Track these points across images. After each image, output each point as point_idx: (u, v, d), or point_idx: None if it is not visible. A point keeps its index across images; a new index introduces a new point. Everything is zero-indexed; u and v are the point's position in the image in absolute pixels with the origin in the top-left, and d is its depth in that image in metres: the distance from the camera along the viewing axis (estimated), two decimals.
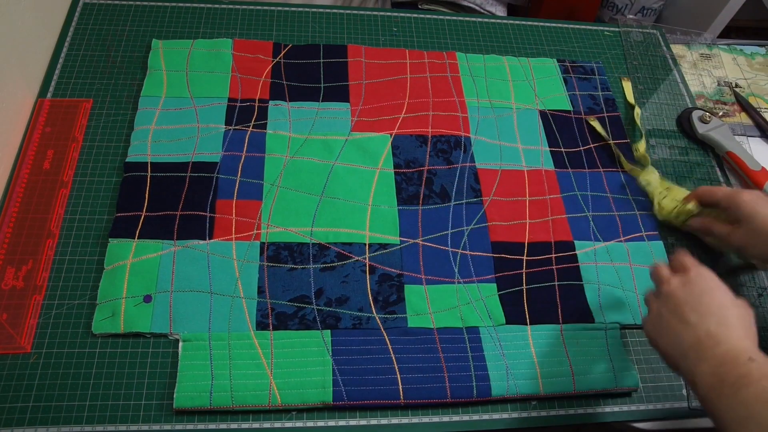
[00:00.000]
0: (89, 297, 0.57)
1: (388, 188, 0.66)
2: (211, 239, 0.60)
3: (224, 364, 0.54)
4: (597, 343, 0.60)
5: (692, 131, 0.77)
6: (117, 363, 0.54)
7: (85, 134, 0.67)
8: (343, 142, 0.69)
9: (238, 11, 0.79)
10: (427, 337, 0.58)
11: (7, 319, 0.54)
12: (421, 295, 0.60)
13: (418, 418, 0.55)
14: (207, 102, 0.69)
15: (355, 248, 0.62)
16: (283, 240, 0.61)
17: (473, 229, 0.65)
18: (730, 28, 1.65)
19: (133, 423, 0.52)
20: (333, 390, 0.54)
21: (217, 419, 0.53)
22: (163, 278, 0.58)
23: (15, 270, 0.57)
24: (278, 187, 0.65)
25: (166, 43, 0.74)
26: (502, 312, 0.60)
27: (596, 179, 0.71)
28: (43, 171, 0.63)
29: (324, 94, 0.73)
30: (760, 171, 0.72)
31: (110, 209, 0.62)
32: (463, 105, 0.74)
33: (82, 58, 0.72)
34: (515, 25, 0.85)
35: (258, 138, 0.68)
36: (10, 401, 0.51)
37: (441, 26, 0.83)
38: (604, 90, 0.79)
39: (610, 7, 1.65)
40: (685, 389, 0.59)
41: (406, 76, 0.76)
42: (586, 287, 0.63)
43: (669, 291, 0.48)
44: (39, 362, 0.53)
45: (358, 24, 0.81)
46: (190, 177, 0.64)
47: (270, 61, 0.74)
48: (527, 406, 0.56)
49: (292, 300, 0.58)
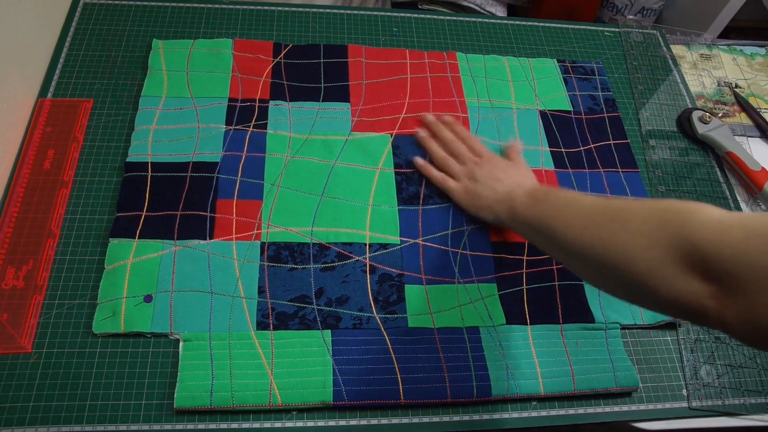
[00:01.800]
0: (89, 297, 0.57)
1: (388, 188, 0.66)
2: (212, 239, 0.60)
3: (225, 363, 0.54)
4: (597, 343, 0.60)
5: (692, 131, 0.77)
6: (117, 363, 0.54)
7: (85, 134, 0.67)
8: (344, 142, 0.69)
9: (238, 11, 0.79)
10: (427, 337, 0.58)
11: (7, 319, 0.54)
12: (421, 295, 0.60)
13: (418, 418, 0.55)
14: (207, 102, 0.70)
15: (356, 248, 0.62)
16: (284, 240, 0.62)
17: (473, 229, 0.65)
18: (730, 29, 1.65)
19: (134, 423, 0.52)
20: (333, 390, 0.54)
21: (218, 419, 0.53)
22: (164, 278, 0.58)
23: (15, 270, 0.57)
24: (279, 187, 0.65)
25: (166, 43, 0.74)
26: (503, 312, 0.60)
27: (596, 179, 0.71)
28: (43, 171, 0.63)
29: (324, 94, 0.73)
30: (760, 171, 0.72)
31: (110, 209, 0.62)
32: (464, 105, 0.74)
33: (83, 58, 0.72)
34: (515, 25, 0.85)
35: (258, 138, 0.68)
36: (10, 401, 0.51)
37: (441, 26, 0.83)
38: (604, 90, 0.79)
39: (610, 8, 1.65)
40: (686, 389, 0.59)
41: (406, 76, 0.76)
42: (587, 287, 0.63)
43: (474, 167, 0.65)
44: (39, 362, 0.53)
45: (358, 24, 0.81)
46: (191, 177, 0.64)
47: (270, 61, 0.74)
48: (527, 406, 0.57)
49: (292, 300, 0.58)
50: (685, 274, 0.38)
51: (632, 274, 0.41)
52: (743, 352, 0.62)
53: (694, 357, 0.61)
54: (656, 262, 0.39)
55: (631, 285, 0.42)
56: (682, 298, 0.38)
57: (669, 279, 0.38)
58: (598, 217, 0.45)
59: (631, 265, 0.41)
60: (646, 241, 0.40)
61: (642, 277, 0.40)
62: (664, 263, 0.39)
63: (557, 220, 0.49)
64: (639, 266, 0.40)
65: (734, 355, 0.62)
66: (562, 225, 0.48)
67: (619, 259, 0.42)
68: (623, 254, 0.41)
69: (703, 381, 0.60)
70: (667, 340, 0.62)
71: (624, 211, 0.44)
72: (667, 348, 0.61)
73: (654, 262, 0.39)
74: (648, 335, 0.62)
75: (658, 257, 0.39)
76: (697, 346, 0.62)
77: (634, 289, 0.42)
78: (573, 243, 0.47)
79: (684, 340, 0.62)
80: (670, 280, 0.38)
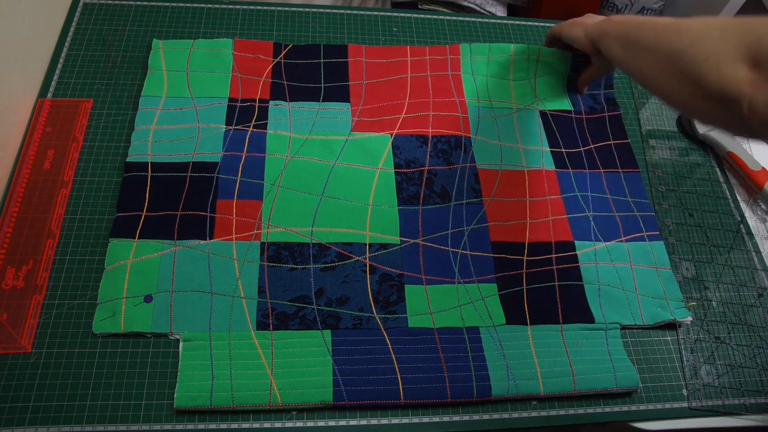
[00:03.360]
0: (89, 297, 0.57)
1: (388, 188, 0.66)
2: (212, 239, 0.60)
3: (225, 364, 0.54)
4: (597, 343, 0.60)
5: (692, 131, 0.77)
6: (117, 363, 0.54)
7: (85, 134, 0.67)
8: (344, 142, 0.69)
9: (238, 11, 0.79)
10: (427, 337, 0.58)
11: (7, 319, 0.54)
12: (421, 295, 0.60)
13: (418, 418, 0.55)
14: (207, 102, 0.70)
15: (356, 248, 0.62)
16: (284, 240, 0.62)
17: (473, 229, 0.65)
18: None
19: (134, 423, 0.52)
20: (333, 390, 0.54)
21: (218, 419, 0.53)
22: (164, 278, 0.58)
23: (15, 270, 0.57)
24: (279, 187, 0.65)
25: (166, 43, 0.74)
26: (503, 312, 0.60)
27: (596, 179, 0.71)
28: (43, 171, 0.63)
29: (324, 94, 0.73)
30: (760, 171, 0.72)
31: (110, 209, 0.62)
32: (464, 105, 0.74)
33: (83, 58, 0.72)
34: (515, 25, 0.85)
35: (258, 138, 0.68)
36: (10, 401, 0.51)
37: (441, 26, 0.83)
38: (606, 88, 0.78)
39: (610, 8, 1.65)
40: (686, 389, 0.59)
41: (406, 75, 0.76)
42: (587, 287, 0.63)
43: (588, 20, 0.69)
44: (39, 362, 0.53)
45: (358, 24, 0.81)
46: (191, 177, 0.64)
47: (270, 61, 0.74)
48: (527, 406, 0.57)
49: (292, 300, 0.58)
50: (737, 61, 0.43)
51: (690, 58, 0.47)
52: (743, 352, 0.62)
53: (694, 357, 0.61)
54: (717, 48, 0.45)
55: (683, 70, 0.48)
56: (724, 83, 0.44)
57: (720, 64, 0.44)
58: (683, 21, 0.50)
59: (694, 50, 0.47)
60: (718, 34, 0.45)
61: (697, 59, 0.46)
62: (722, 50, 0.44)
63: (644, 24, 0.55)
64: (698, 52, 0.46)
65: (734, 355, 0.62)
66: (649, 26, 0.54)
67: (687, 44, 0.48)
68: (691, 41, 0.47)
69: (703, 381, 0.60)
70: (667, 340, 0.62)
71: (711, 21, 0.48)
72: (667, 348, 0.61)
73: (715, 47, 0.45)
74: (648, 335, 0.62)
75: (720, 46, 0.45)
76: (697, 346, 0.62)
77: (685, 75, 0.48)
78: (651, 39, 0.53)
79: (684, 340, 0.62)
80: (721, 65, 0.44)
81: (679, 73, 0.49)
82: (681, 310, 0.62)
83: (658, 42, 0.52)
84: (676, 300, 0.63)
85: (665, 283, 0.64)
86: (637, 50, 0.56)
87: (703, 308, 0.64)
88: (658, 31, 0.52)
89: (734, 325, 0.63)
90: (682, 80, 0.49)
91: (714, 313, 0.64)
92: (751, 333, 0.63)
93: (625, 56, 0.58)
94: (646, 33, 0.55)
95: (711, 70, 0.45)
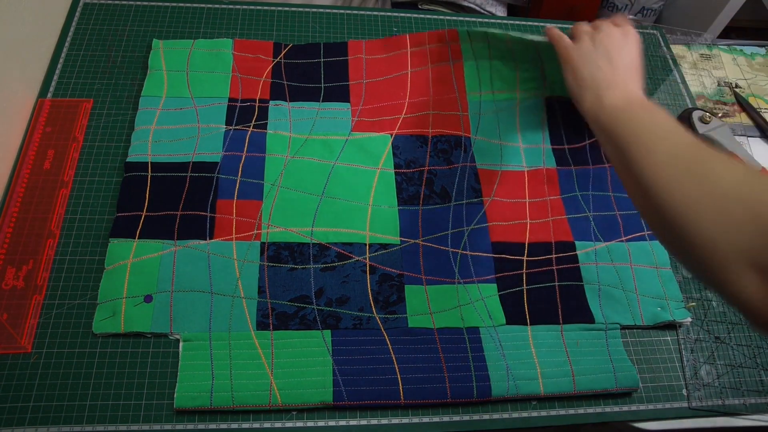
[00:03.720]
0: (89, 297, 0.57)
1: (388, 188, 0.66)
2: (212, 239, 0.60)
3: (225, 364, 0.54)
4: (597, 343, 0.60)
5: (692, 131, 0.77)
6: (117, 363, 0.54)
7: (85, 134, 0.67)
8: (344, 142, 0.69)
9: (238, 11, 0.79)
10: (427, 337, 0.58)
11: (7, 319, 0.54)
12: (421, 295, 0.60)
13: (418, 418, 0.55)
14: (207, 102, 0.70)
15: (356, 248, 0.62)
16: (284, 240, 0.62)
17: (473, 229, 0.65)
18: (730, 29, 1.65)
19: (134, 423, 0.52)
20: (333, 390, 0.54)
21: (218, 419, 0.53)
22: (164, 278, 0.58)
23: (15, 270, 0.57)
24: (279, 187, 0.65)
25: (166, 43, 0.74)
26: (503, 312, 0.60)
27: (600, 176, 0.70)
28: (43, 171, 0.63)
29: (324, 94, 0.73)
30: (760, 171, 0.72)
31: (110, 209, 0.62)
32: (464, 101, 0.74)
33: (83, 58, 0.72)
34: (515, 25, 0.85)
35: (258, 138, 0.68)
36: (10, 401, 0.52)
37: (441, 26, 0.83)
38: None
39: (610, 7, 1.65)
40: (686, 389, 0.59)
41: (407, 71, 0.75)
42: (587, 287, 0.63)
43: (605, 34, 0.59)
44: (39, 362, 0.53)
45: (358, 24, 0.81)
46: (191, 177, 0.64)
47: (270, 61, 0.74)
48: (527, 406, 0.57)
49: (292, 300, 0.58)
50: (746, 267, 0.37)
51: (690, 239, 0.39)
52: (743, 352, 0.62)
53: (694, 357, 0.61)
54: (733, 254, 0.37)
55: (679, 239, 0.40)
56: (731, 287, 0.38)
57: (739, 276, 0.37)
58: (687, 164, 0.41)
59: (710, 246, 0.39)
60: (734, 228, 0.38)
61: (698, 246, 0.39)
62: (738, 260, 0.37)
63: (640, 145, 0.45)
64: (702, 240, 0.39)
65: (734, 355, 0.62)
66: (643, 153, 0.44)
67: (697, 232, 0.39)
68: (705, 230, 0.39)
69: (703, 381, 0.60)
70: (667, 340, 0.62)
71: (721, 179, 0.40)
72: (667, 348, 0.61)
73: (731, 253, 0.38)
74: (648, 335, 0.62)
75: (736, 252, 0.37)
76: (697, 346, 0.62)
77: (679, 244, 0.41)
78: (650, 180, 0.43)
79: (684, 340, 0.62)
80: (740, 277, 0.37)
81: (673, 239, 0.42)
82: (681, 311, 0.62)
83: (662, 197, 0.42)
84: (676, 300, 0.63)
85: (665, 282, 0.64)
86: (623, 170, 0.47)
87: (703, 308, 0.64)
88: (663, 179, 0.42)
89: (734, 325, 0.63)
90: (674, 244, 0.42)
91: (714, 313, 0.64)
92: (751, 333, 0.63)
93: (612, 160, 0.50)
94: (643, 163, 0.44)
95: (716, 270, 0.38)
